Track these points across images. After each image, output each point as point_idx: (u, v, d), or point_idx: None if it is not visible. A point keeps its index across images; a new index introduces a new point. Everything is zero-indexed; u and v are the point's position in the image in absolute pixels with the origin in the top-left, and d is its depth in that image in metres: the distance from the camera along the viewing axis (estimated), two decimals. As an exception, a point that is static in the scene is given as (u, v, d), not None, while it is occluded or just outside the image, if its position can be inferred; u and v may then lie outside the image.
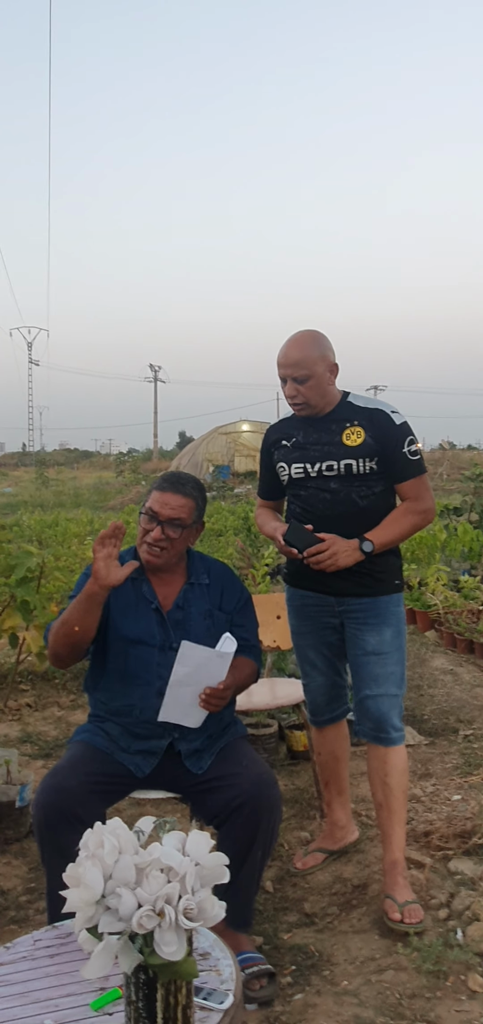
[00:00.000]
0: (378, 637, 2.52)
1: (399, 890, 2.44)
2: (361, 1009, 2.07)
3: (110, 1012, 1.45)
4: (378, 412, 2.51)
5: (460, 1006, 2.07)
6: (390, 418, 2.49)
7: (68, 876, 1.26)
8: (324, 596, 2.57)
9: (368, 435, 2.47)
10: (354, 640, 2.56)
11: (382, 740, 2.51)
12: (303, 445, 2.56)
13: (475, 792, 3.16)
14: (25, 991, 1.52)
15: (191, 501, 2.28)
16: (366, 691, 2.53)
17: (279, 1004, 2.12)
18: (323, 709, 2.75)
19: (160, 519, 2.23)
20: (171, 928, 1.21)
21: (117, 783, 2.21)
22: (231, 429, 33.16)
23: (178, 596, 2.31)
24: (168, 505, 2.24)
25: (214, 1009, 1.42)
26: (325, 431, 2.52)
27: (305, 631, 2.68)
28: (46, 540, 11.20)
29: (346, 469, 2.48)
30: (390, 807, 2.51)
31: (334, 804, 2.84)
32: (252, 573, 5.93)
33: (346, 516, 2.50)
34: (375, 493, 2.51)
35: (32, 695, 4.74)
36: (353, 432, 2.48)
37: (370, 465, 2.48)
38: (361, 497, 2.50)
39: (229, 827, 2.12)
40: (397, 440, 2.48)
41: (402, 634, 2.58)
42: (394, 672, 2.52)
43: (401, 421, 2.50)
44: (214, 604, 2.34)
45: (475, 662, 5.29)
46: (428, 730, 4.04)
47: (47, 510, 18.31)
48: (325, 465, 2.51)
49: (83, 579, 2.30)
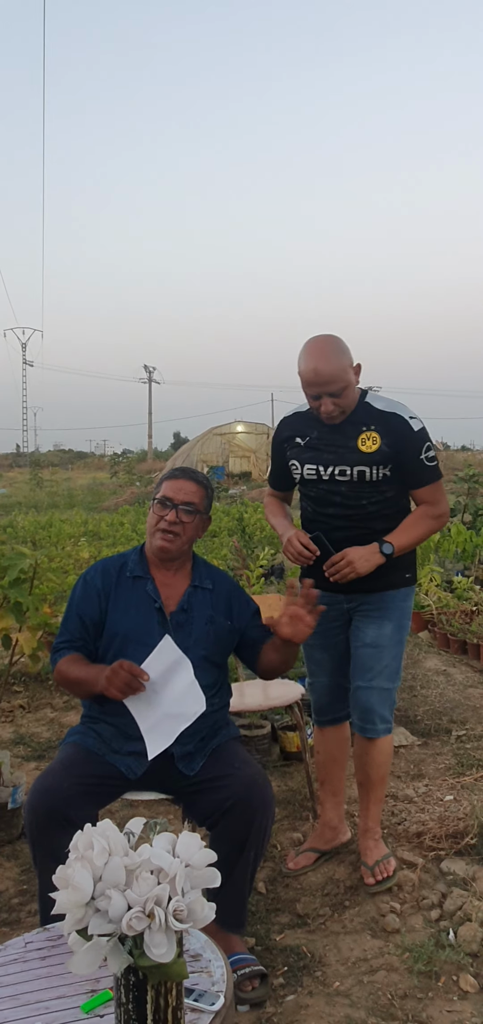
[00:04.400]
0: (378, 631, 2.55)
1: (370, 853, 2.62)
2: (353, 1010, 2.07)
3: (101, 1014, 1.45)
4: (396, 417, 2.47)
5: (452, 1006, 2.07)
6: (408, 424, 2.46)
7: (58, 878, 1.26)
8: (334, 595, 2.58)
9: (384, 442, 2.45)
10: (356, 631, 2.61)
11: (366, 731, 2.59)
12: (317, 446, 2.54)
13: (467, 793, 3.17)
14: (16, 993, 1.51)
15: (202, 489, 2.34)
16: (359, 681, 2.59)
17: (271, 1005, 2.12)
18: (326, 709, 2.78)
19: (175, 503, 2.27)
20: (161, 930, 1.21)
21: (109, 784, 2.21)
22: (226, 430, 33.17)
23: (182, 599, 2.31)
24: (182, 490, 2.29)
25: (205, 1011, 1.41)
26: (340, 433, 2.49)
27: (315, 630, 2.68)
28: (40, 541, 11.19)
29: (359, 476, 2.47)
30: (368, 789, 2.66)
31: (327, 804, 2.85)
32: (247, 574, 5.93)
33: (355, 519, 2.52)
34: (386, 498, 2.52)
35: (25, 696, 4.73)
36: (369, 438, 2.45)
37: (383, 472, 2.47)
38: (371, 503, 2.51)
39: (221, 828, 2.12)
40: (415, 447, 2.46)
41: (404, 629, 2.61)
42: (388, 666, 2.56)
43: (419, 427, 2.47)
44: (217, 611, 2.34)
45: (468, 663, 5.30)
46: (421, 731, 4.05)
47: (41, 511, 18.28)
48: (338, 470, 2.49)
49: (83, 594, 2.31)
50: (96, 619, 2.27)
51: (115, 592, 2.29)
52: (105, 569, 2.34)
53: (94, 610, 2.28)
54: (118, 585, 2.30)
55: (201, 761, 2.24)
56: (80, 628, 2.28)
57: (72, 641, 2.27)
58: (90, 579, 2.33)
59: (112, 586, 2.30)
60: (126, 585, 2.31)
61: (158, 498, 2.32)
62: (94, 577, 2.33)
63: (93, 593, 2.29)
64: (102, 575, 2.32)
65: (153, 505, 2.33)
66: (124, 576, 2.32)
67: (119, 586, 2.30)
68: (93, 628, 2.28)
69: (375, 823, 2.69)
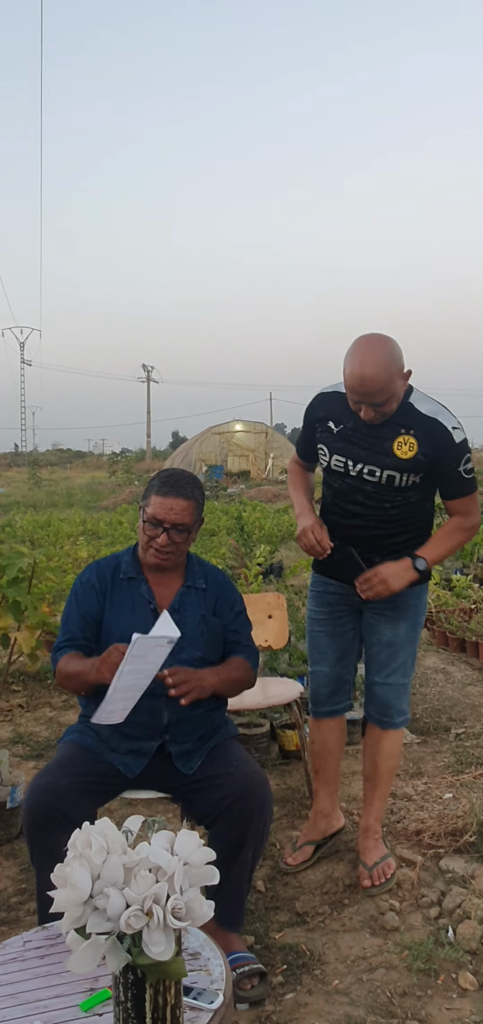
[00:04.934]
0: (393, 631, 2.56)
1: (369, 854, 2.62)
2: (352, 1008, 2.07)
3: (100, 1013, 1.44)
4: (438, 425, 2.35)
5: (451, 1004, 2.07)
6: (450, 435, 2.35)
7: (56, 876, 1.26)
8: (345, 586, 2.58)
9: (421, 449, 2.35)
10: (371, 628, 2.61)
11: (384, 724, 2.63)
12: (350, 438, 2.43)
13: (466, 791, 3.17)
14: (14, 992, 1.51)
15: (192, 503, 2.26)
16: (375, 677, 2.62)
17: (270, 1004, 2.11)
18: (325, 700, 2.75)
19: (165, 525, 2.22)
20: (159, 928, 1.21)
21: (107, 783, 2.20)
22: (224, 429, 33.16)
23: (175, 599, 2.30)
24: (172, 510, 2.21)
25: (204, 1009, 1.41)
26: (377, 431, 2.38)
27: (322, 618, 2.70)
28: (38, 540, 11.17)
29: (388, 480, 2.40)
30: (374, 781, 2.66)
31: (321, 793, 2.85)
32: (245, 572, 5.93)
33: (373, 519, 2.48)
34: (410, 502, 2.46)
35: (24, 696, 4.73)
36: (406, 443, 2.35)
37: (413, 479, 2.40)
38: (394, 506, 2.45)
39: (220, 826, 2.12)
40: (454, 459, 2.36)
41: (418, 625, 2.62)
42: (404, 663, 2.59)
43: (461, 439, 2.36)
44: (209, 609, 2.34)
45: (467, 661, 5.30)
46: (420, 729, 4.05)
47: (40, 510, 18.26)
48: (367, 468, 2.41)
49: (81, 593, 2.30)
50: (97, 616, 2.27)
51: (110, 593, 2.29)
52: (100, 569, 2.34)
53: (94, 606, 2.27)
54: (113, 586, 2.30)
55: (199, 760, 2.24)
56: (81, 625, 2.26)
57: (73, 640, 2.26)
58: (87, 579, 2.32)
59: (107, 587, 2.30)
60: (120, 587, 2.30)
61: (147, 518, 2.24)
62: (90, 576, 2.32)
63: (91, 591, 2.29)
64: (97, 575, 2.32)
65: (143, 520, 2.27)
66: (118, 578, 2.31)
67: (114, 587, 2.30)
68: (94, 625, 2.27)
69: (377, 821, 2.69)
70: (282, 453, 30.51)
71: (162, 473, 2.32)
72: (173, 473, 2.31)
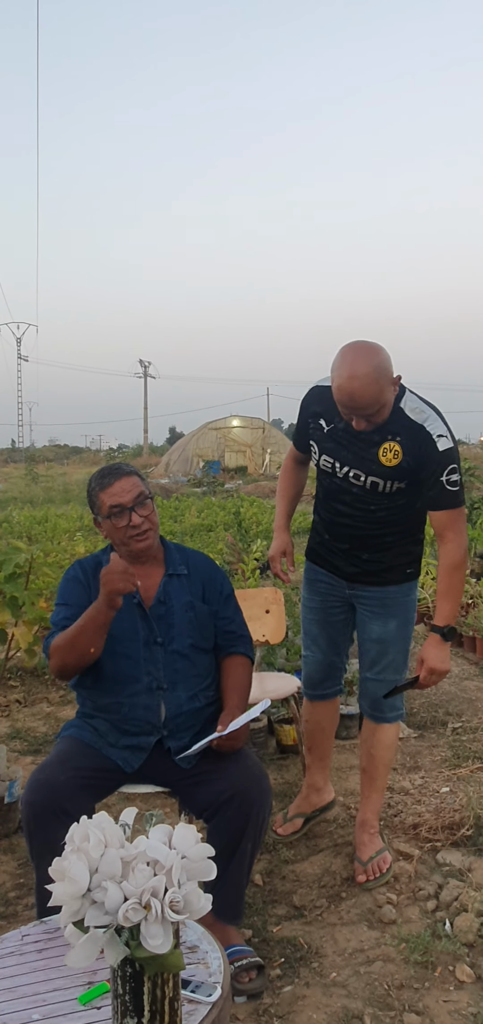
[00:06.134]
0: (383, 628, 2.58)
1: (364, 849, 2.63)
2: (350, 1000, 2.07)
3: (98, 1006, 1.45)
4: (423, 433, 2.32)
5: (448, 996, 2.08)
6: (434, 444, 2.30)
7: (54, 870, 1.26)
8: (336, 579, 2.63)
9: (406, 457, 2.33)
10: (362, 624, 2.64)
11: (376, 718, 2.65)
12: (339, 439, 2.44)
13: (463, 784, 3.18)
14: (12, 986, 1.51)
15: (135, 475, 2.29)
16: (367, 673, 2.65)
17: (268, 996, 2.12)
18: (317, 684, 2.81)
19: (128, 506, 2.23)
20: (157, 921, 1.21)
21: (106, 778, 2.20)
22: (221, 424, 33.14)
23: (158, 590, 2.30)
24: (125, 490, 2.24)
25: (202, 1002, 1.42)
26: (365, 436, 2.37)
27: (314, 605, 2.73)
28: (36, 536, 11.16)
29: (372, 486, 2.41)
30: (371, 774, 2.68)
31: (314, 768, 2.92)
32: (242, 567, 5.93)
33: (360, 519, 2.51)
34: (397, 505, 2.46)
35: (21, 691, 4.73)
36: (391, 450, 2.34)
37: (398, 486, 2.39)
38: (380, 508, 2.46)
39: (218, 820, 2.12)
40: (437, 467, 2.30)
41: (409, 623, 2.63)
42: (395, 660, 2.61)
43: (445, 447, 2.30)
44: (195, 596, 2.33)
45: (464, 655, 5.32)
46: (417, 723, 4.06)
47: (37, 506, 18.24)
48: (352, 472, 2.43)
49: (68, 586, 2.30)
50: (84, 602, 2.23)
51: (94, 591, 2.25)
52: (83, 566, 2.34)
53: (83, 599, 2.25)
54: (95, 583, 2.27)
55: (197, 755, 2.24)
56: (68, 612, 2.24)
57: (63, 625, 2.22)
58: (72, 575, 2.32)
59: (91, 583, 2.29)
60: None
61: (107, 512, 2.23)
62: (76, 573, 2.32)
63: (78, 585, 2.30)
64: (82, 571, 2.32)
65: (107, 522, 2.25)
66: (98, 575, 2.29)
67: (95, 584, 2.25)
68: (81, 611, 2.20)
69: (374, 815, 2.71)
70: (279, 448, 30.52)
71: (95, 475, 2.34)
72: (107, 466, 2.35)
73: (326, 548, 2.65)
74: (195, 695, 2.26)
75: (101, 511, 2.27)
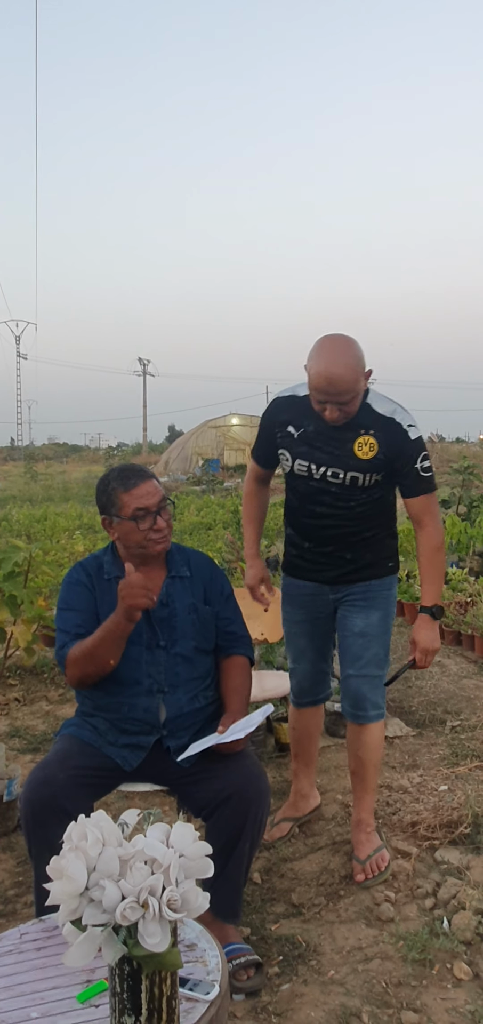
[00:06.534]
0: (365, 620, 2.59)
1: (361, 848, 2.63)
2: (348, 998, 2.08)
3: (96, 1004, 1.45)
4: (394, 424, 2.42)
5: (446, 994, 2.08)
6: (406, 434, 2.42)
7: (52, 869, 1.26)
8: (320, 585, 2.64)
9: (381, 449, 2.41)
10: (343, 621, 2.64)
11: (359, 718, 2.63)
12: (312, 441, 2.48)
13: (462, 783, 3.18)
14: (11, 984, 1.52)
15: (156, 479, 2.31)
16: (349, 670, 2.63)
17: (266, 994, 2.13)
18: (306, 692, 2.84)
19: (153, 510, 2.23)
20: (155, 919, 1.22)
21: (105, 776, 2.21)
22: (221, 423, 33.13)
23: (161, 592, 2.30)
24: (151, 494, 2.24)
25: (200, 999, 1.42)
26: (338, 434, 2.43)
27: (299, 619, 2.73)
28: (35, 534, 11.16)
29: (352, 481, 2.46)
30: (361, 776, 2.68)
31: (300, 774, 2.96)
32: (241, 566, 5.93)
33: (341, 518, 2.53)
34: (374, 499, 2.52)
35: (20, 690, 4.73)
36: (366, 443, 2.41)
37: (375, 479, 2.46)
38: (359, 503, 2.50)
39: (217, 819, 2.13)
40: (411, 456, 2.42)
41: (390, 616, 2.65)
42: (377, 654, 2.61)
43: (416, 436, 2.44)
44: (198, 598, 2.33)
45: (462, 654, 5.32)
46: (415, 721, 4.06)
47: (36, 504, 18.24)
48: (331, 471, 2.46)
49: (73, 590, 2.28)
50: (91, 607, 2.24)
51: (101, 593, 2.27)
52: (85, 568, 2.33)
53: (90, 602, 2.25)
54: (99, 586, 2.28)
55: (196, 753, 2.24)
56: (80, 622, 2.22)
57: (76, 632, 2.21)
58: (76, 578, 2.31)
59: (95, 585, 2.28)
60: (105, 588, 2.27)
61: (133, 514, 2.21)
62: (79, 576, 2.31)
63: (83, 588, 2.28)
64: (85, 573, 2.31)
65: (127, 523, 2.22)
66: (102, 578, 2.29)
67: (99, 587, 2.28)
68: (93, 618, 2.21)
69: (368, 814, 2.71)
70: (278, 446, 30.40)
71: (114, 475, 2.30)
72: (126, 467, 2.33)
73: (308, 557, 2.64)
74: (195, 696, 2.27)
75: (122, 512, 2.23)
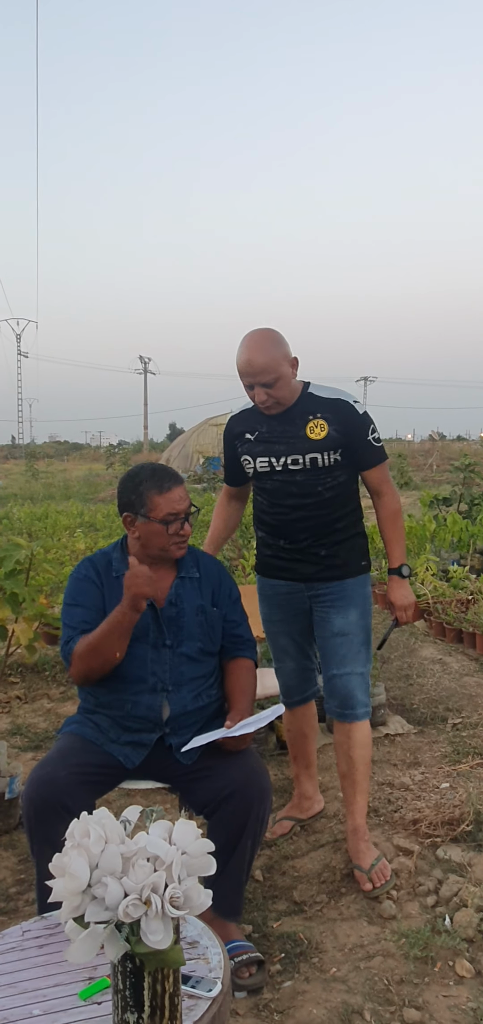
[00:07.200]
0: (344, 619, 2.62)
1: (363, 856, 2.60)
2: (349, 995, 2.08)
3: (98, 1001, 1.45)
4: (341, 403, 2.54)
5: (448, 991, 2.08)
6: (353, 408, 2.53)
7: (54, 866, 1.26)
8: (294, 583, 2.68)
9: (332, 428, 2.51)
10: (322, 622, 2.66)
11: (347, 716, 2.64)
12: (267, 439, 2.58)
13: (463, 780, 3.18)
14: (13, 981, 1.52)
15: (183, 483, 2.33)
16: (333, 670, 2.64)
17: (268, 991, 2.13)
18: (294, 691, 2.87)
19: (182, 516, 2.25)
20: (157, 917, 1.21)
21: (106, 774, 2.21)
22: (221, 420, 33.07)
23: (170, 592, 2.30)
24: (182, 499, 2.26)
25: (202, 997, 1.42)
26: (289, 424, 2.54)
27: (277, 619, 2.78)
28: (36, 532, 11.17)
29: (312, 463, 2.53)
30: (352, 778, 2.66)
31: (302, 777, 2.98)
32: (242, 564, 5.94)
33: (311, 507, 2.57)
34: (339, 482, 2.58)
35: (22, 687, 4.74)
36: (317, 425, 2.51)
37: (335, 457, 2.54)
38: (326, 488, 2.56)
39: (219, 816, 2.13)
40: (361, 429, 2.54)
41: (368, 614, 2.68)
42: (360, 651, 2.63)
43: (362, 411, 2.55)
44: (206, 600, 2.33)
45: (464, 651, 5.32)
46: (417, 719, 4.06)
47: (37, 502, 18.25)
48: (290, 459, 2.54)
49: (81, 586, 2.27)
50: (99, 604, 2.24)
51: (109, 590, 2.26)
52: (94, 564, 2.32)
53: (98, 598, 2.25)
54: (107, 582, 2.28)
55: (199, 751, 2.24)
56: (86, 617, 2.22)
57: (82, 628, 2.20)
58: (84, 574, 2.30)
59: (103, 581, 2.28)
60: (114, 584, 2.26)
61: (164, 517, 2.21)
62: (87, 572, 2.30)
63: (91, 584, 2.28)
64: (94, 569, 2.31)
65: (154, 525, 2.22)
66: (111, 575, 2.29)
67: (108, 584, 2.28)
68: (100, 614, 2.21)
69: (362, 819, 2.67)
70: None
71: (147, 475, 2.27)
72: (158, 468, 2.31)
73: (282, 556, 2.67)
74: (199, 694, 2.27)
75: (152, 513, 2.22)
